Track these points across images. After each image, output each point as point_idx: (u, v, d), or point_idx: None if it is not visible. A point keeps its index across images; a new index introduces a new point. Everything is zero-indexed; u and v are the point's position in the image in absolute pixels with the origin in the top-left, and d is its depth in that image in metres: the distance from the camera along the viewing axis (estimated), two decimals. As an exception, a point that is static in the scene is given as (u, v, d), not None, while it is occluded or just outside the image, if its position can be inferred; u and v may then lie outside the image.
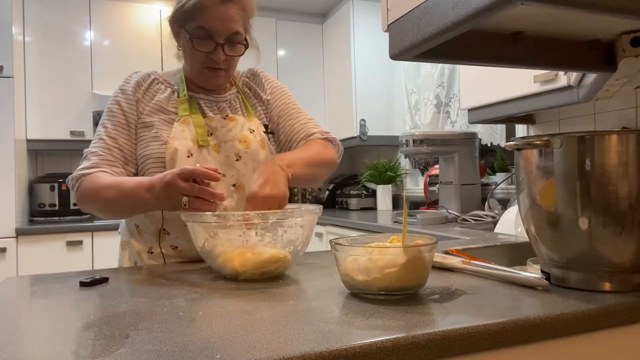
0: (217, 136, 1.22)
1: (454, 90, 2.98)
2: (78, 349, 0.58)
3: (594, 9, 0.70)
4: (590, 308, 0.69)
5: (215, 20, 1.15)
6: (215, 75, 1.22)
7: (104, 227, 3.06)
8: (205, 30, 1.16)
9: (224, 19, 1.16)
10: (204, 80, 1.24)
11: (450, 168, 2.47)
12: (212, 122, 1.22)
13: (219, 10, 1.15)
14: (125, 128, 1.21)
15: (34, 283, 0.99)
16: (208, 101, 1.26)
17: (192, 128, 1.20)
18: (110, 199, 1.10)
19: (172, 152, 1.16)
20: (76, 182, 1.16)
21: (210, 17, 1.15)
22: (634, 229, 0.75)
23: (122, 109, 1.22)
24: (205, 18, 1.15)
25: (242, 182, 1.21)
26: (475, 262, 0.96)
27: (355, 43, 3.50)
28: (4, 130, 2.86)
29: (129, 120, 1.21)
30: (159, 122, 1.21)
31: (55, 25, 3.28)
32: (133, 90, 1.24)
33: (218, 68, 1.20)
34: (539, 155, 0.80)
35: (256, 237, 0.93)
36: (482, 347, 0.62)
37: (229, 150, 1.21)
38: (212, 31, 1.16)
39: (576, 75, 1.55)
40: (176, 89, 1.26)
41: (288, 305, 0.75)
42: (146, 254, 1.21)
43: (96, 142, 1.20)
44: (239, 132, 1.23)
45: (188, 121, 1.20)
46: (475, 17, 0.73)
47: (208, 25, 1.15)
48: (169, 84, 1.28)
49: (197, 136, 1.19)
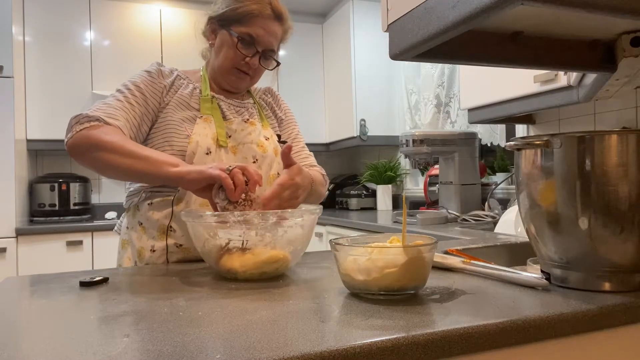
0: (236, 138, 1.26)
1: (454, 90, 2.98)
2: (78, 348, 0.58)
3: (594, 9, 0.70)
4: (590, 308, 0.69)
5: (263, 32, 1.24)
6: (242, 78, 1.29)
7: (104, 227, 3.07)
8: (250, 37, 1.24)
9: (270, 33, 1.25)
10: (230, 79, 1.29)
11: (450, 168, 2.47)
12: (232, 125, 1.27)
13: (268, 24, 1.25)
14: (142, 104, 1.21)
15: (34, 283, 0.99)
16: (228, 104, 1.31)
17: (213, 127, 1.23)
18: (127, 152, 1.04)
19: (193, 147, 1.19)
20: (87, 121, 1.08)
21: (260, 27, 1.24)
22: (634, 229, 0.75)
23: (145, 86, 1.23)
24: (255, 27, 1.24)
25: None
26: (475, 262, 0.96)
27: (355, 43, 3.50)
28: (4, 130, 2.86)
29: (147, 101, 1.22)
30: (182, 118, 1.23)
31: (55, 25, 3.28)
32: (158, 76, 1.27)
33: (246, 72, 1.27)
34: (539, 155, 0.80)
35: (256, 237, 0.93)
36: (482, 347, 0.62)
37: (246, 152, 1.26)
38: (257, 40, 1.24)
39: (576, 75, 1.55)
40: (198, 86, 1.30)
41: (288, 305, 0.75)
42: (148, 252, 1.21)
43: (110, 100, 1.18)
44: (257, 136, 1.29)
45: (210, 120, 1.24)
46: (475, 17, 0.73)
47: (256, 33, 1.24)
48: (191, 81, 1.31)
49: (218, 136, 1.23)
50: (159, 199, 1.21)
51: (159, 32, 3.51)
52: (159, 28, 3.51)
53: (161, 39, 3.52)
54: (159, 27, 3.51)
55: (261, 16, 1.23)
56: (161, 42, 3.51)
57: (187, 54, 3.50)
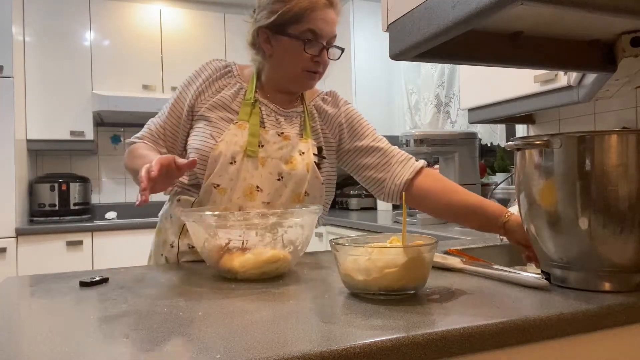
0: (267, 150, 1.18)
1: (454, 90, 2.98)
2: (78, 348, 0.58)
3: (594, 9, 0.70)
4: (590, 308, 0.69)
5: (324, 23, 1.16)
6: (313, 78, 1.22)
7: (104, 227, 3.06)
8: (313, 33, 1.16)
9: (330, 22, 1.18)
10: (302, 84, 1.23)
11: (450, 168, 2.47)
12: (267, 135, 1.19)
13: (326, 13, 1.17)
14: (175, 118, 1.24)
15: (34, 283, 0.99)
16: (271, 111, 1.24)
17: (246, 135, 1.17)
18: (129, 166, 1.16)
19: (216, 155, 1.14)
20: (130, 143, 1.23)
21: (319, 19, 1.16)
22: (634, 229, 0.75)
23: (179, 98, 1.24)
24: (314, 21, 1.16)
25: (275, 201, 1.17)
26: (475, 262, 0.96)
27: (355, 43, 3.50)
28: (4, 130, 2.86)
29: (180, 112, 1.24)
30: (218, 119, 1.19)
31: (55, 25, 3.28)
32: (196, 80, 1.24)
33: (316, 71, 1.21)
34: (539, 155, 0.80)
35: (256, 237, 0.93)
36: (482, 347, 0.62)
37: (273, 167, 1.18)
38: (320, 34, 1.16)
39: (576, 75, 1.55)
40: (244, 87, 1.24)
41: (288, 305, 0.75)
42: (168, 246, 1.20)
43: (151, 122, 1.26)
44: (289, 152, 1.19)
45: (244, 126, 1.18)
46: (475, 17, 0.73)
47: (317, 27, 1.16)
48: (240, 79, 1.25)
49: (247, 145, 1.16)
50: (185, 196, 1.20)
51: (159, 32, 3.51)
52: (159, 28, 3.51)
53: (161, 39, 3.52)
54: (159, 27, 3.51)
55: (317, 8, 1.15)
56: (161, 42, 3.51)
57: (187, 54, 3.55)
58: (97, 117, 3.42)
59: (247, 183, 1.16)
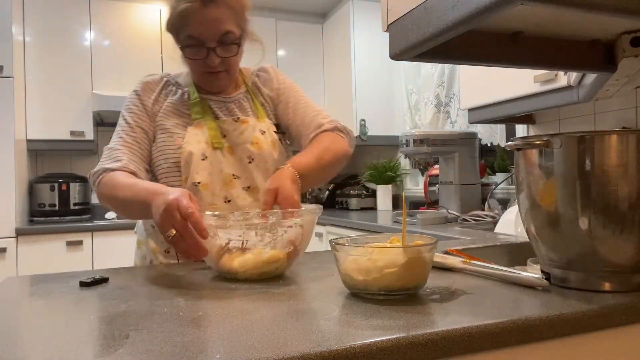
0: (230, 138, 1.23)
1: (454, 90, 2.98)
2: (78, 349, 0.58)
3: (594, 9, 0.70)
4: (590, 308, 0.69)
5: (202, 26, 1.14)
6: (217, 79, 1.22)
7: (104, 227, 3.06)
8: (194, 38, 1.16)
9: (210, 23, 1.14)
10: (207, 84, 1.25)
11: (450, 168, 2.47)
12: (225, 125, 1.24)
13: (203, 14, 1.13)
14: (142, 127, 1.22)
15: (34, 283, 0.99)
16: (218, 102, 1.27)
17: (206, 131, 1.21)
18: (123, 198, 1.09)
19: (186, 157, 1.17)
20: (97, 177, 1.15)
21: (196, 23, 1.14)
22: (634, 229, 0.75)
23: (138, 109, 1.23)
24: (191, 26, 1.15)
25: (255, 184, 1.23)
26: (475, 262, 0.95)
27: (355, 43, 3.50)
28: (4, 130, 2.86)
29: (143, 120, 1.23)
30: (173, 125, 1.22)
31: (55, 25, 3.28)
32: (144, 92, 1.25)
33: (217, 72, 1.20)
34: (539, 155, 0.80)
35: (256, 237, 0.93)
36: (482, 347, 0.62)
37: (241, 153, 1.22)
38: (201, 37, 1.15)
39: (576, 75, 1.55)
40: (187, 91, 1.27)
41: (288, 305, 0.75)
42: (163, 253, 1.22)
43: (115, 139, 1.21)
44: (251, 134, 1.23)
45: (201, 124, 1.22)
46: (475, 17, 0.73)
47: (196, 32, 1.15)
48: (180, 85, 1.29)
49: (211, 138, 1.20)
50: None
51: (159, 32, 3.50)
52: (159, 28, 3.51)
53: (161, 39, 3.51)
54: (159, 27, 3.51)
55: (191, 12, 1.13)
56: (161, 42, 3.51)
57: (187, 54, 3.54)
58: (97, 117, 3.41)
59: (224, 173, 1.20)
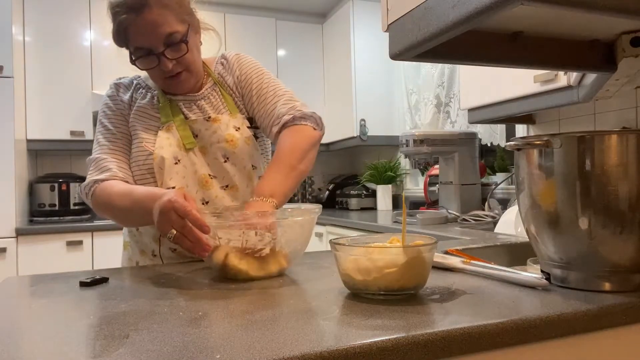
0: (203, 138, 1.19)
1: (454, 90, 2.98)
2: (78, 348, 0.58)
3: (594, 9, 0.70)
4: (590, 308, 0.69)
5: (143, 35, 1.11)
6: (179, 81, 1.18)
7: (104, 227, 3.06)
8: (141, 49, 1.13)
9: (149, 29, 1.10)
10: (172, 89, 1.21)
11: (450, 168, 2.47)
12: (195, 125, 1.20)
13: (140, 23, 1.10)
14: (122, 131, 1.22)
15: (34, 283, 0.99)
16: (187, 102, 1.23)
17: (176, 133, 1.18)
18: (122, 207, 1.09)
19: (159, 162, 1.15)
20: (89, 190, 1.15)
21: (136, 34, 1.11)
22: (634, 229, 0.75)
23: (114, 114, 1.23)
24: (133, 37, 1.12)
25: (233, 182, 1.20)
26: (475, 262, 0.96)
27: (355, 43, 3.50)
28: (4, 130, 2.86)
29: (122, 123, 1.23)
30: (143, 130, 1.20)
31: (55, 25, 3.28)
32: (118, 92, 1.25)
33: (176, 74, 1.16)
34: (539, 155, 0.80)
35: (256, 237, 0.93)
36: (482, 347, 0.62)
37: (215, 152, 1.19)
38: (146, 45, 1.12)
39: (576, 75, 1.55)
40: (156, 94, 1.24)
41: (288, 305, 0.75)
42: (149, 254, 1.22)
43: (97, 149, 1.21)
44: (224, 132, 1.19)
45: (171, 127, 1.19)
46: (475, 17, 0.73)
47: (139, 42, 1.12)
48: (149, 88, 1.26)
49: (182, 139, 1.17)
50: None
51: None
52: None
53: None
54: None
55: (127, 22, 1.10)
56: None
57: (187, 54, 3.54)
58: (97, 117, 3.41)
59: (199, 174, 1.18)
